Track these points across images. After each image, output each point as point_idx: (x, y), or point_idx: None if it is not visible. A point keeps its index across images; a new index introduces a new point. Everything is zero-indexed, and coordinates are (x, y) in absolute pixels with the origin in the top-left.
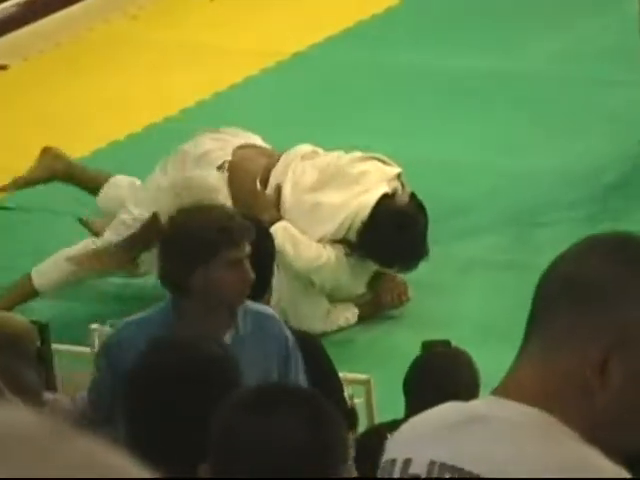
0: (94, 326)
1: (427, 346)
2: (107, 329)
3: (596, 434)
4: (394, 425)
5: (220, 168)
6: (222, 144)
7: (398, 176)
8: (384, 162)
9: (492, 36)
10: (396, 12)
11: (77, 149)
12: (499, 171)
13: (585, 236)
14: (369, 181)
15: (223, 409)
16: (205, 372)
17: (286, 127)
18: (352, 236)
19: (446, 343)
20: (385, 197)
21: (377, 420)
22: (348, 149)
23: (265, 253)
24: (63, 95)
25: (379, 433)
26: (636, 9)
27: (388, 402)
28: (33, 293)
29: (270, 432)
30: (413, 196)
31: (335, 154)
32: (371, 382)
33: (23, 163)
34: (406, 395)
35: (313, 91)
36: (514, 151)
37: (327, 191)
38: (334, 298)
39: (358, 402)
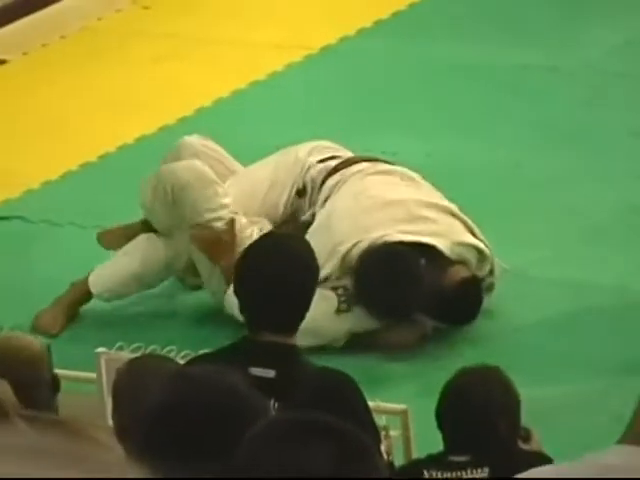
0: (100, 350)
1: (461, 371)
2: (114, 353)
3: None
4: (431, 460)
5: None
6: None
7: (480, 253)
8: (467, 226)
9: (542, 28)
10: (435, 1)
11: (82, 153)
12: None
13: None
14: (421, 229)
15: (246, 441)
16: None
17: (314, 127)
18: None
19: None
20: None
21: (415, 454)
22: (379, 150)
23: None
24: (67, 93)
25: (416, 470)
26: None
27: (428, 434)
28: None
29: (290, 463)
30: (472, 280)
31: (425, 188)
32: (408, 413)
33: (23, 166)
34: (440, 428)
35: (343, 88)
36: (565, 150)
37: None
38: None
39: (394, 434)
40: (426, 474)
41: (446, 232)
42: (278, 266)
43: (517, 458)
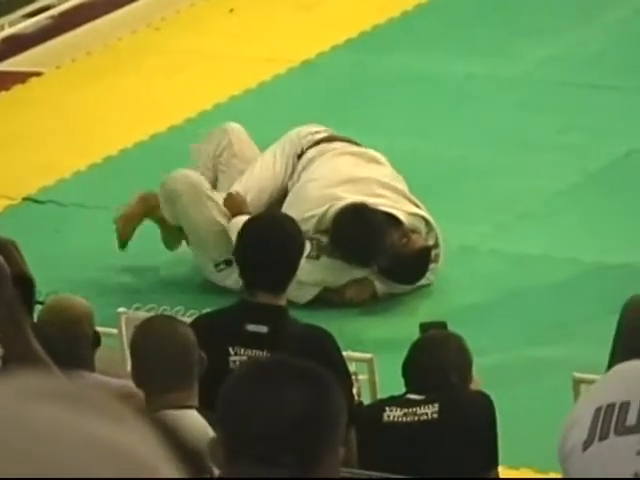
0: (121, 309)
1: (423, 327)
2: (132, 313)
3: None
4: (392, 399)
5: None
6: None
7: (428, 224)
8: (416, 205)
9: (484, 44)
10: (397, 23)
11: (105, 148)
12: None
13: None
14: (382, 203)
15: (227, 383)
16: None
17: (296, 126)
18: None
19: (442, 325)
20: (390, 217)
21: (379, 395)
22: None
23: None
24: (92, 99)
25: (380, 406)
26: (618, 18)
27: (390, 379)
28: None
29: (268, 400)
30: (427, 249)
31: (386, 170)
32: (374, 361)
33: (56, 159)
34: (404, 376)
35: (320, 94)
36: (509, 149)
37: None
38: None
39: (362, 378)
40: (388, 410)
41: (400, 206)
42: (272, 241)
43: (462, 395)
